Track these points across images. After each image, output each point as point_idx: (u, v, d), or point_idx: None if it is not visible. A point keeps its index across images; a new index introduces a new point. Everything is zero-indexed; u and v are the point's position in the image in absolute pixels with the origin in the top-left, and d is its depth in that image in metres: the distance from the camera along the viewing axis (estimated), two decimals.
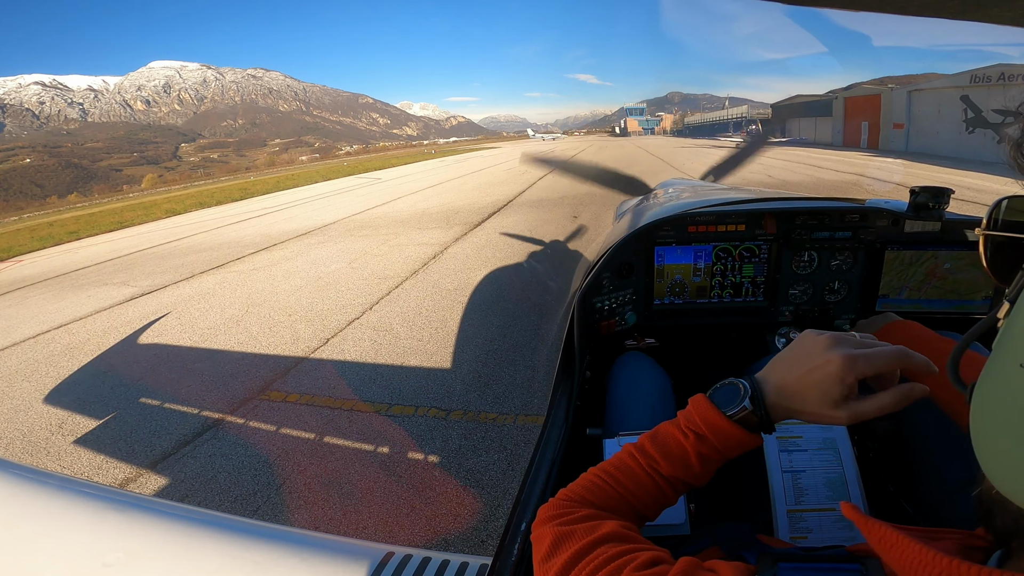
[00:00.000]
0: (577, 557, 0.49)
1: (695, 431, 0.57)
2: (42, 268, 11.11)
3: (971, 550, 0.40)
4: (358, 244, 8.32)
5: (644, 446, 0.60)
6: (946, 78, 20.87)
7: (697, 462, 0.57)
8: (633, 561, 0.45)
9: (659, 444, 0.59)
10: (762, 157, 19.76)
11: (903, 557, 0.35)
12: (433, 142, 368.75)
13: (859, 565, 0.44)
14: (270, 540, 0.83)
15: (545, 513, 0.59)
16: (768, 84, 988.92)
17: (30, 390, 4.03)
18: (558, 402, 1.13)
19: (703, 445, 0.56)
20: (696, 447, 0.57)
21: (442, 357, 3.61)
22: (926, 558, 0.33)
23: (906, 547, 0.35)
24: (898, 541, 0.36)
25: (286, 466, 2.56)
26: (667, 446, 0.58)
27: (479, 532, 1.99)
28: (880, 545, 0.38)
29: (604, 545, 0.49)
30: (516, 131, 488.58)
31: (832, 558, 0.48)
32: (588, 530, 0.52)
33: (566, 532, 0.52)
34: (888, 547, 0.37)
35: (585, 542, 0.50)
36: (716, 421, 0.56)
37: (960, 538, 0.41)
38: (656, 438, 0.60)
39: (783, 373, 0.57)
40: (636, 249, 1.41)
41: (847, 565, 0.45)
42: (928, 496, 0.90)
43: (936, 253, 1.26)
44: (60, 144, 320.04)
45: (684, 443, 0.57)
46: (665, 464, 0.57)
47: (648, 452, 0.59)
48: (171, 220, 18.76)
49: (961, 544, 0.40)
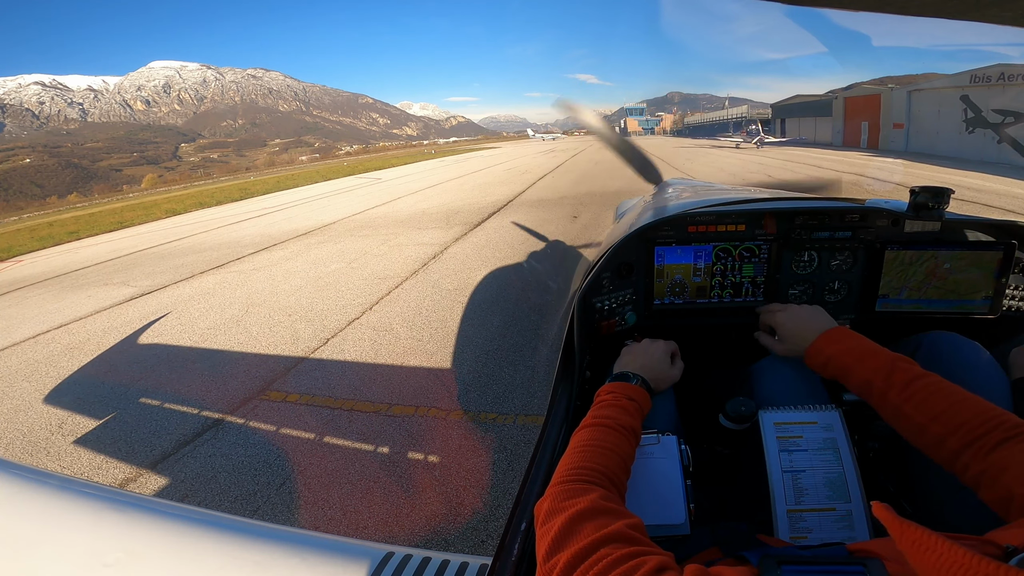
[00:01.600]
0: (582, 556, 0.48)
1: (625, 397, 0.89)
2: (42, 268, 11.11)
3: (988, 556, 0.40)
4: (358, 244, 8.32)
5: (599, 416, 0.83)
6: (946, 78, 20.89)
7: (636, 413, 0.86)
8: (641, 567, 0.44)
9: (609, 410, 0.84)
10: (762, 157, 19.77)
11: (941, 560, 0.34)
12: (433, 142, 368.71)
13: (862, 567, 0.44)
14: (270, 540, 0.83)
15: (545, 506, 0.61)
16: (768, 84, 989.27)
17: (30, 390, 4.03)
18: (558, 402, 1.13)
19: (632, 404, 0.87)
20: (630, 405, 0.87)
21: (442, 357, 3.61)
22: (965, 560, 0.33)
23: (946, 550, 0.35)
24: (936, 544, 0.36)
25: (286, 466, 2.56)
26: (615, 410, 0.84)
27: (479, 532, 1.99)
28: (913, 547, 0.37)
29: (609, 545, 0.48)
30: (516, 131, 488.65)
31: (834, 560, 0.48)
32: (594, 528, 0.51)
33: (569, 529, 0.52)
34: (924, 550, 0.36)
35: (590, 541, 0.49)
36: (633, 388, 0.92)
37: (976, 544, 0.41)
38: (603, 410, 0.85)
39: (635, 364, 1.04)
40: (636, 249, 1.41)
41: (850, 567, 0.44)
42: (928, 496, 0.90)
43: (936, 253, 1.26)
44: (60, 144, 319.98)
45: (622, 404, 0.86)
46: (621, 417, 0.83)
47: (607, 415, 0.83)
48: (171, 220, 18.76)
49: (977, 551, 0.40)
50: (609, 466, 0.71)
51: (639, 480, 0.84)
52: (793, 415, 0.93)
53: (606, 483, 0.68)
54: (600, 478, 0.68)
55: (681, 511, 0.82)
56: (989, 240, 1.29)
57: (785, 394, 1.06)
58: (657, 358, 1.06)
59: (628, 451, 0.77)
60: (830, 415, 0.92)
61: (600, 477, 0.68)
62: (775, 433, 0.92)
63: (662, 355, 1.07)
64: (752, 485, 0.92)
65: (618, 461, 0.73)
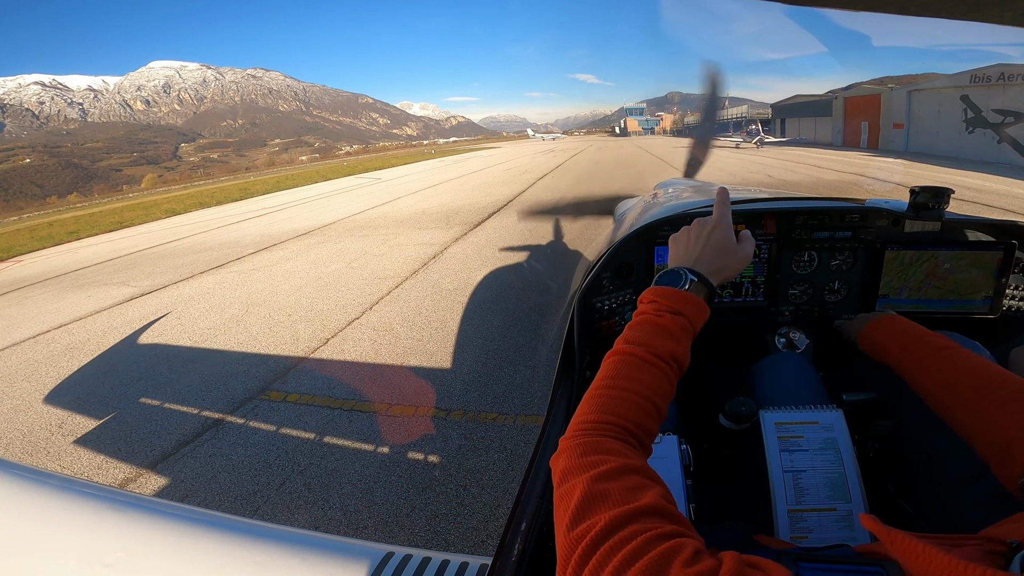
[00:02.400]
0: (614, 526, 0.42)
1: (669, 311, 0.65)
2: (42, 268, 11.11)
3: (993, 555, 0.40)
4: (358, 244, 8.32)
5: (631, 341, 0.64)
6: (946, 78, 20.88)
7: (682, 335, 0.65)
8: (681, 552, 0.39)
9: (645, 333, 0.64)
10: (762, 157, 19.77)
11: (929, 567, 0.35)
12: (433, 142, 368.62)
13: (880, 568, 0.44)
14: (270, 540, 0.83)
15: (560, 464, 0.53)
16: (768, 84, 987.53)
17: (30, 390, 4.03)
18: (558, 402, 1.13)
19: (678, 320, 0.65)
20: (674, 323, 0.65)
21: (442, 357, 3.61)
22: (953, 568, 0.33)
23: (932, 556, 0.35)
24: (924, 551, 0.36)
25: (286, 466, 2.56)
26: (653, 332, 0.64)
27: (479, 532, 1.99)
28: (904, 555, 0.38)
29: (644, 519, 0.43)
30: (516, 131, 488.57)
31: (850, 559, 0.48)
32: (626, 493, 0.46)
33: (600, 491, 0.46)
34: (913, 557, 0.37)
35: (623, 511, 0.43)
36: (682, 296, 0.67)
37: (980, 543, 0.41)
38: (636, 332, 0.65)
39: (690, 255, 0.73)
40: (636, 249, 1.41)
41: (868, 568, 0.44)
42: (928, 496, 0.90)
43: (936, 253, 1.26)
44: (60, 144, 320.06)
45: (664, 323, 0.64)
46: (659, 343, 0.63)
47: (640, 341, 0.63)
48: (171, 220, 18.76)
49: (983, 550, 0.40)
50: (633, 415, 0.58)
51: None
52: (794, 415, 0.94)
53: (629, 437, 0.57)
54: (620, 432, 0.57)
55: (681, 511, 0.82)
56: (989, 240, 1.29)
57: (785, 394, 1.06)
58: (719, 238, 0.74)
59: (664, 389, 0.61)
60: (831, 415, 0.92)
61: (620, 431, 0.57)
62: (776, 433, 0.92)
63: (724, 233, 0.74)
64: (752, 485, 0.92)
65: (646, 407, 0.59)
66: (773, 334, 1.49)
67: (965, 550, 0.40)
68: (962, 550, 0.39)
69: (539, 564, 0.72)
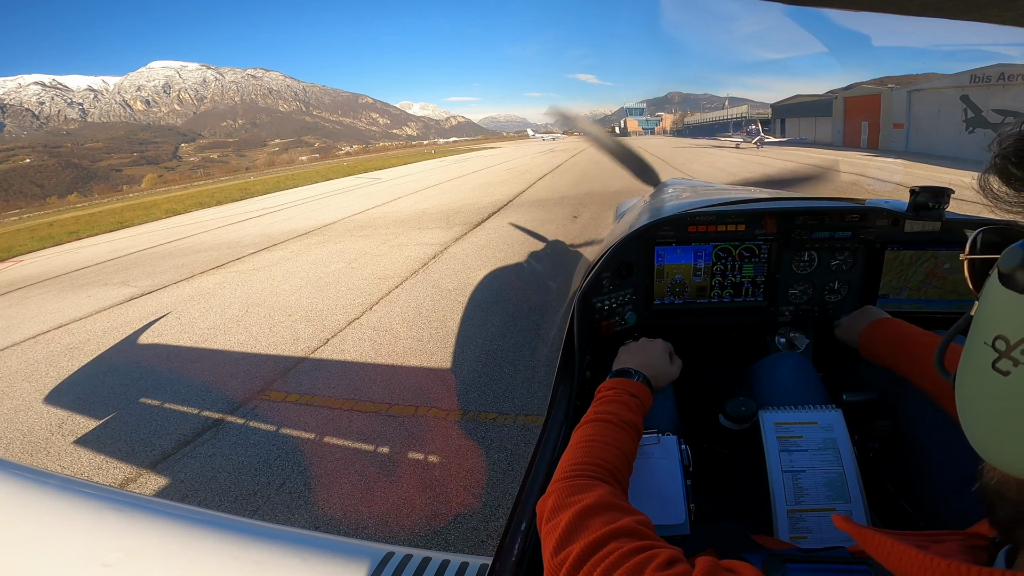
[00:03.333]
0: (592, 549, 0.48)
1: (628, 393, 0.88)
2: (42, 268, 11.11)
3: (976, 550, 0.40)
4: (358, 244, 8.32)
5: (601, 412, 0.83)
6: (946, 78, 20.88)
7: (637, 410, 0.86)
8: (653, 560, 0.44)
9: (612, 406, 0.84)
10: (762, 157, 19.77)
11: (902, 563, 0.35)
12: (433, 142, 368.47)
13: (866, 567, 0.44)
14: (270, 540, 0.83)
15: (550, 503, 0.60)
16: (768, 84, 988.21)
17: (30, 390, 4.03)
18: (558, 402, 1.13)
19: (634, 400, 0.87)
20: (631, 401, 0.86)
21: (442, 357, 3.61)
22: (924, 563, 0.34)
23: (903, 553, 0.36)
24: (894, 548, 0.37)
25: (286, 466, 2.56)
26: (617, 406, 0.84)
27: (479, 532, 1.99)
28: (878, 552, 0.38)
29: (620, 539, 0.48)
30: (516, 131, 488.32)
31: (837, 559, 0.48)
32: (603, 523, 0.52)
33: (578, 524, 0.52)
34: (886, 554, 0.37)
35: (600, 534, 0.49)
36: (635, 384, 0.92)
37: (963, 539, 0.41)
38: (604, 407, 0.85)
39: (635, 361, 1.02)
40: (636, 249, 1.41)
41: (854, 566, 0.45)
42: (928, 496, 0.90)
43: (936, 253, 1.26)
44: (60, 144, 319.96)
45: (624, 400, 0.86)
46: (622, 413, 0.82)
47: (609, 411, 0.83)
48: (171, 220, 18.75)
49: (964, 545, 0.40)
50: (613, 462, 0.71)
51: (639, 480, 0.84)
52: (793, 415, 0.94)
53: (610, 479, 0.68)
54: (604, 474, 0.68)
55: (681, 511, 0.82)
56: None
57: (785, 394, 1.06)
58: (656, 355, 1.06)
59: (631, 447, 0.78)
60: (830, 415, 0.92)
61: (604, 473, 0.68)
62: (775, 433, 0.92)
63: (661, 352, 1.08)
64: (752, 485, 0.92)
65: (621, 457, 0.73)
66: (773, 334, 1.49)
67: (945, 546, 0.40)
68: (942, 546, 0.39)
69: (539, 564, 0.72)
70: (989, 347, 0.34)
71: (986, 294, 0.37)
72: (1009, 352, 0.32)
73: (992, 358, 0.33)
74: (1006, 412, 0.32)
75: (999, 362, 0.33)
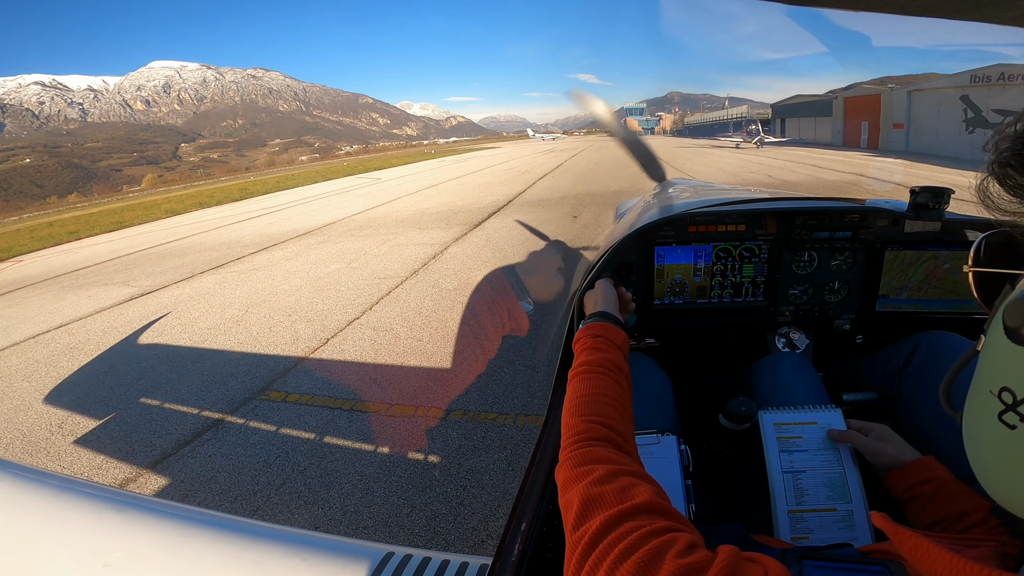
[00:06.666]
0: (609, 526, 0.46)
1: (590, 335, 0.86)
2: (42, 268, 11.11)
3: (1006, 557, 0.40)
4: (358, 244, 8.32)
5: (579, 363, 0.82)
6: (946, 78, 20.86)
7: (607, 347, 0.83)
8: (674, 545, 0.42)
9: (585, 355, 0.83)
10: (762, 157, 19.77)
11: (935, 564, 0.36)
12: (433, 142, 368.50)
13: (882, 567, 0.44)
14: (270, 540, 0.83)
15: (563, 475, 0.59)
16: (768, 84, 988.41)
17: (30, 390, 4.02)
18: (558, 402, 1.13)
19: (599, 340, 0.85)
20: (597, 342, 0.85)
21: (442, 357, 3.61)
22: (957, 566, 0.34)
23: (937, 555, 0.36)
24: (929, 549, 0.37)
25: (286, 466, 2.56)
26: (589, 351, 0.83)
27: (479, 532, 1.99)
28: (911, 553, 0.39)
29: (638, 517, 0.46)
30: (516, 131, 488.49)
31: (854, 559, 0.48)
32: (619, 493, 0.50)
33: (596, 495, 0.51)
34: (920, 555, 0.38)
35: (617, 511, 0.47)
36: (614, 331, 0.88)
37: (995, 545, 0.42)
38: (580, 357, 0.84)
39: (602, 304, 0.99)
40: (636, 249, 1.41)
41: (871, 567, 0.45)
42: None
43: (936, 253, 1.26)
44: (60, 144, 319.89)
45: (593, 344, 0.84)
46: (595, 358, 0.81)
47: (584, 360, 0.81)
48: (171, 220, 18.75)
49: (996, 551, 0.41)
50: (619, 419, 0.69)
51: None
52: (793, 415, 0.93)
53: (614, 438, 0.66)
54: (607, 435, 0.65)
55: (681, 511, 0.82)
56: None
57: (785, 394, 1.06)
58: (611, 292, 1.05)
59: (615, 391, 0.76)
60: (830, 415, 0.92)
61: (606, 434, 0.66)
62: (775, 433, 0.92)
63: (611, 287, 1.06)
64: (752, 485, 0.92)
65: (624, 412, 0.72)
66: (773, 334, 1.49)
67: (978, 551, 0.40)
68: (974, 551, 0.40)
69: (539, 564, 0.72)
70: (995, 397, 0.34)
71: (990, 340, 0.37)
72: (1015, 407, 0.33)
73: (998, 409, 0.34)
74: (1013, 463, 0.33)
75: (1005, 415, 0.33)
